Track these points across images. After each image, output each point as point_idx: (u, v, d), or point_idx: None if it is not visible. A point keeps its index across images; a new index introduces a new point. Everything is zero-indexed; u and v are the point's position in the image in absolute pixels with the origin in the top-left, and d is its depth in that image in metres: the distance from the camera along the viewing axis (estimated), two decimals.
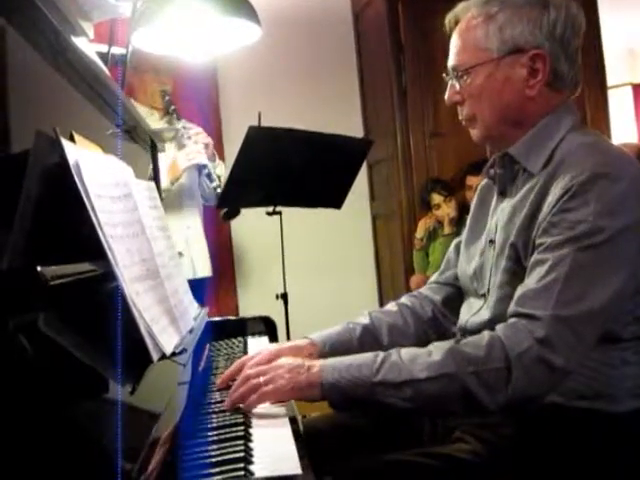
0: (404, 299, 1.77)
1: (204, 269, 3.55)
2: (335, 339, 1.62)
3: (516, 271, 1.42)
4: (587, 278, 1.29)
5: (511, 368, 1.26)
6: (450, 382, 1.28)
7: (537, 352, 1.25)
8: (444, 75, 1.56)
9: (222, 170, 3.44)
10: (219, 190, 3.23)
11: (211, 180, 3.30)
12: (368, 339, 1.65)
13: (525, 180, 1.47)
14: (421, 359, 1.31)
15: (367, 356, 1.34)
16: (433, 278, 1.81)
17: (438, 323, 1.73)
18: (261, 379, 1.30)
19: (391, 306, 1.76)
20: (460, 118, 1.56)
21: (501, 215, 1.51)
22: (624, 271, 1.31)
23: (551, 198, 1.36)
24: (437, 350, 1.32)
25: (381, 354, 1.33)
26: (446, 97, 1.56)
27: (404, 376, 1.29)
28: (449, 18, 1.55)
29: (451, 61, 1.53)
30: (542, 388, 1.29)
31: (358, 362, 1.33)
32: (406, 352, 1.34)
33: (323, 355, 1.54)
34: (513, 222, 1.45)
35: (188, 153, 3.31)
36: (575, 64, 1.48)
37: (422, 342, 1.38)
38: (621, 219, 1.30)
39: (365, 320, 1.69)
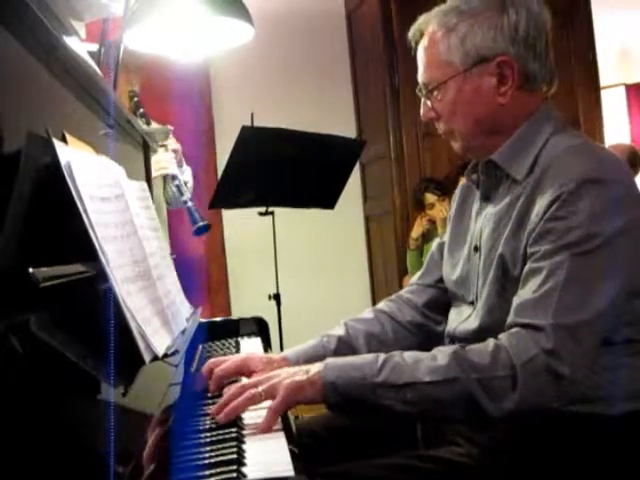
0: (382, 304, 1.74)
1: None
2: (309, 354, 1.56)
3: (505, 281, 1.41)
4: (584, 285, 1.28)
5: (516, 377, 1.24)
6: (454, 388, 1.26)
7: (543, 361, 1.25)
8: (417, 91, 1.54)
9: (189, 176, 3.33)
10: (190, 204, 3.10)
11: (181, 193, 3.13)
12: (344, 351, 1.58)
13: (509, 186, 1.46)
14: (425, 362, 1.29)
15: (368, 356, 1.33)
16: (414, 279, 1.77)
17: (419, 326, 1.69)
18: (259, 388, 1.26)
19: (367, 313, 1.72)
20: (440, 133, 1.55)
21: (486, 222, 1.50)
22: (620, 275, 1.30)
23: (540, 205, 1.35)
24: (441, 355, 1.30)
25: (382, 355, 1.31)
26: (421, 115, 1.54)
27: (406, 378, 1.27)
28: (414, 32, 1.53)
29: (420, 78, 1.52)
30: (548, 398, 1.28)
31: (359, 362, 1.31)
32: (409, 355, 1.32)
33: None
34: (499, 231, 1.44)
35: (158, 162, 3.12)
36: (547, 60, 1.45)
37: (402, 348, 1.37)
38: (614, 223, 1.29)
39: (340, 331, 1.64)
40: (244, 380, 1.40)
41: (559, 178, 1.33)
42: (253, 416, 1.25)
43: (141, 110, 3.27)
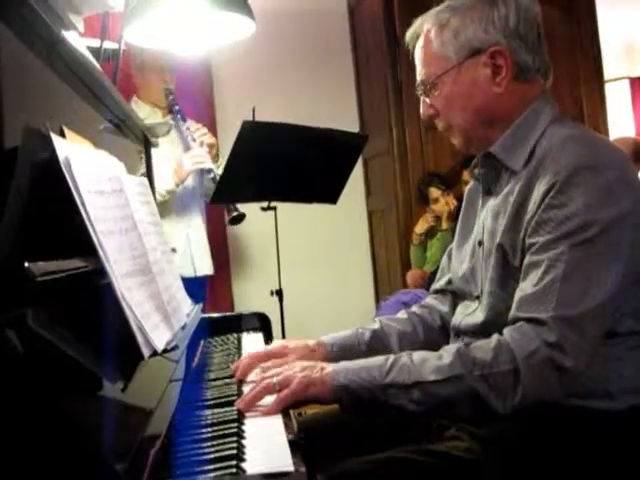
0: (414, 308, 1.78)
1: (204, 267, 3.54)
2: (343, 342, 1.63)
3: (506, 271, 1.42)
4: (585, 274, 1.28)
5: (519, 370, 1.25)
6: (458, 385, 1.27)
7: (546, 353, 1.25)
8: (417, 92, 1.57)
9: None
10: None
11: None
12: (377, 344, 1.64)
13: (508, 178, 1.47)
14: (431, 362, 1.31)
15: (378, 359, 1.35)
16: (433, 287, 1.80)
17: (447, 332, 1.71)
18: (274, 380, 1.30)
19: (401, 314, 1.76)
20: (440, 130, 1.57)
21: (487, 215, 1.51)
22: (620, 262, 1.30)
23: (536, 195, 1.35)
24: (447, 353, 1.31)
25: (392, 357, 1.34)
26: (421, 113, 1.57)
27: (413, 378, 1.29)
28: (411, 35, 1.57)
29: (418, 76, 1.55)
30: (553, 390, 1.28)
31: (370, 364, 1.33)
32: (417, 355, 1.34)
33: (330, 356, 1.56)
34: (498, 222, 1.45)
35: (194, 156, 3.29)
36: (540, 52, 1.48)
37: (432, 350, 1.38)
38: (611, 210, 1.29)
39: (375, 326, 1.69)
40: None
41: (554, 166, 1.34)
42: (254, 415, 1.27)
43: (177, 107, 3.33)
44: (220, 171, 3.33)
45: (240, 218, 3.30)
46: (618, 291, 1.29)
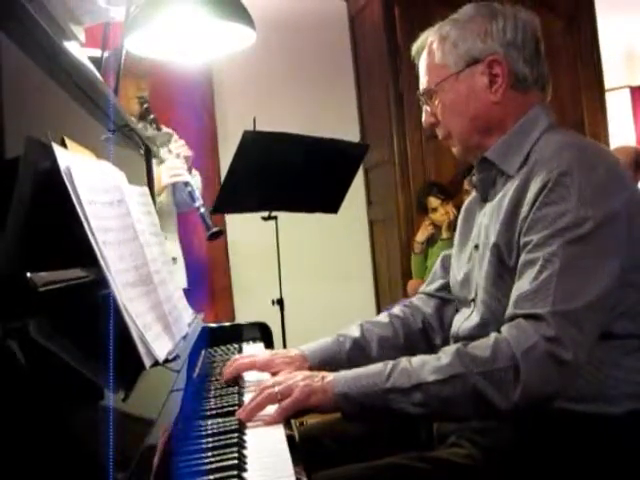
0: (396, 309, 1.79)
1: (179, 281, 3.46)
2: (324, 352, 1.65)
3: (501, 272, 1.43)
4: (580, 270, 1.30)
5: (518, 366, 1.25)
6: (459, 384, 1.28)
7: (544, 347, 1.25)
8: (420, 102, 1.61)
9: (198, 182, 3.35)
10: (202, 210, 3.09)
11: (194, 199, 3.12)
12: (357, 352, 1.66)
13: (504, 182, 1.49)
14: (430, 363, 1.31)
15: (377, 365, 1.36)
16: (421, 288, 1.83)
17: (427, 334, 1.74)
18: (276, 389, 1.31)
19: (383, 317, 1.77)
20: (440, 138, 1.61)
21: (483, 219, 1.53)
22: (615, 258, 1.31)
23: (530, 194, 1.37)
24: (445, 354, 1.32)
25: (391, 362, 1.34)
26: (422, 121, 1.61)
27: (413, 381, 1.29)
28: (416, 49, 1.62)
29: (420, 86, 1.60)
30: (553, 384, 1.28)
31: (369, 372, 1.34)
32: (416, 358, 1.34)
33: (313, 368, 1.56)
34: (493, 223, 1.46)
35: (171, 168, 3.15)
36: (538, 65, 1.51)
37: (413, 354, 1.39)
38: (603, 207, 1.31)
39: (356, 333, 1.70)
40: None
41: (547, 167, 1.36)
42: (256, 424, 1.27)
43: (151, 116, 3.26)
44: (193, 182, 3.28)
45: (218, 234, 3.24)
46: (614, 286, 1.30)
